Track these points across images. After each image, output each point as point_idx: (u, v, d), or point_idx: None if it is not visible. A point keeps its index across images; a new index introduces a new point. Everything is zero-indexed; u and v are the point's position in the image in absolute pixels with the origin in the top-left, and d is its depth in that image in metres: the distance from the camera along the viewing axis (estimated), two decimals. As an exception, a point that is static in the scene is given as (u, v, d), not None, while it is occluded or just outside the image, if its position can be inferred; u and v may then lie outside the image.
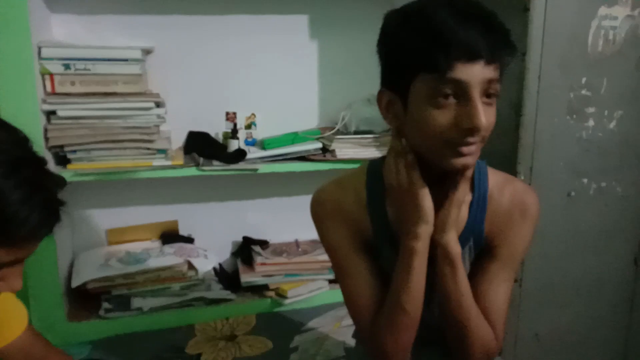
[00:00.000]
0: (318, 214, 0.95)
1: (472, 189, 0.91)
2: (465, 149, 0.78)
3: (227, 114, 1.71)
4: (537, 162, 1.34)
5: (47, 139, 1.45)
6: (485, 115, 0.76)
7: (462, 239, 0.90)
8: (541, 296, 1.44)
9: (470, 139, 0.77)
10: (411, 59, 0.78)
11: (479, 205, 0.91)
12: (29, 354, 0.94)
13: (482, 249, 0.92)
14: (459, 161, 0.80)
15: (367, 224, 0.92)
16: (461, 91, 0.76)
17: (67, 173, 1.47)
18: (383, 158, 0.96)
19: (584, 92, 1.34)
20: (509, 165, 1.32)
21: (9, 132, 0.70)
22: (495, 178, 0.93)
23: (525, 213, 0.91)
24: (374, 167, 0.96)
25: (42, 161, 0.71)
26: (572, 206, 1.40)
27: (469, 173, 0.87)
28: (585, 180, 1.40)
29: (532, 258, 1.38)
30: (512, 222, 0.91)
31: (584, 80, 1.33)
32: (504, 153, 1.35)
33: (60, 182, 0.74)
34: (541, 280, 1.42)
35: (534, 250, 1.36)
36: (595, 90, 1.35)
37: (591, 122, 1.37)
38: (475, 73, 0.75)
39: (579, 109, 1.35)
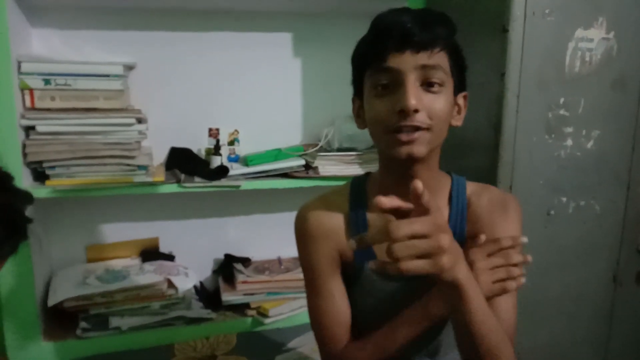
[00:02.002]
0: (300, 230, 0.95)
1: (450, 202, 0.92)
2: (404, 136, 0.80)
3: (210, 130, 1.70)
4: (516, 181, 1.35)
5: (25, 155, 1.42)
6: (425, 101, 0.80)
7: None
8: (521, 313, 1.43)
9: (406, 123, 0.80)
10: (360, 58, 0.87)
11: (457, 217, 0.91)
12: None
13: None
14: (403, 149, 0.81)
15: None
16: (396, 79, 0.81)
17: (45, 189, 1.44)
18: (367, 174, 0.97)
19: (562, 111, 1.36)
20: (490, 182, 1.33)
21: None
22: (472, 188, 0.95)
23: (507, 207, 0.92)
24: (357, 184, 0.97)
25: (7, 177, 0.70)
26: (551, 224, 1.41)
27: (440, 185, 0.90)
28: (564, 199, 1.42)
29: (513, 275, 1.38)
30: (495, 220, 0.91)
31: (562, 100, 1.36)
32: (484, 171, 1.37)
33: (27, 198, 0.72)
34: (521, 298, 1.42)
35: (514, 268, 1.37)
36: (572, 109, 1.37)
37: (569, 141, 1.39)
38: (406, 60, 0.80)
39: (557, 128, 1.37)
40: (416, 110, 0.79)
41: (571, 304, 1.49)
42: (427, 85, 0.81)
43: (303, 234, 0.95)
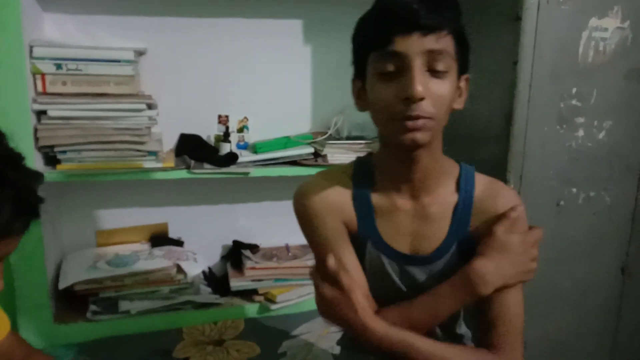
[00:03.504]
0: (302, 207, 0.93)
1: (458, 191, 0.91)
2: (409, 124, 0.79)
3: (220, 117, 1.71)
4: (527, 171, 1.35)
5: (37, 139, 1.43)
6: (431, 88, 0.78)
7: (446, 243, 0.90)
8: (529, 304, 1.42)
9: (412, 112, 0.78)
10: (363, 40, 0.84)
11: (464, 208, 0.90)
12: (11, 359, 0.93)
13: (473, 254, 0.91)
14: (407, 136, 0.80)
15: (353, 217, 0.92)
16: (402, 64, 0.79)
17: (56, 173, 1.45)
18: (371, 154, 0.97)
19: (574, 102, 1.35)
20: (499, 173, 1.33)
21: None
22: (480, 180, 0.93)
23: (512, 205, 0.90)
24: (362, 161, 0.96)
25: (18, 157, 0.72)
26: (561, 215, 1.41)
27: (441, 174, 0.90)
28: (574, 190, 1.41)
29: (521, 266, 1.38)
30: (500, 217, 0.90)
31: (574, 90, 1.35)
32: (495, 161, 1.36)
33: (38, 177, 0.74)
34: (529, 289, 1.42)
35: (523, 258, 1.37)
36: (585, 100, 1.36)
37: (581, 132, 1.38)
38: (413, 44, 0.77)
39: (569, 118, 1.36)
40: (422, 99, 0.78)
41: (579, 296, 1.49)
42: (434, 71, 0.79)
43: (306, 211, 0.92)
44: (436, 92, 0.79)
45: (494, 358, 0.88)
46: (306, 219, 0.93)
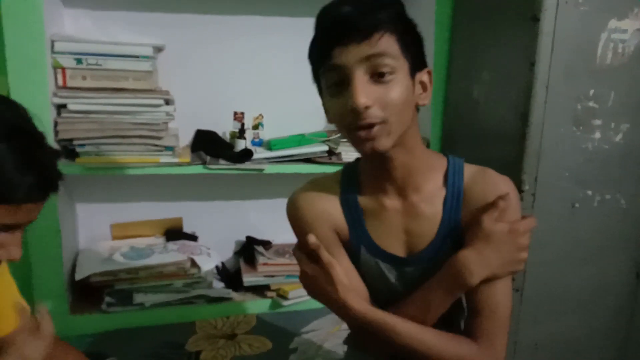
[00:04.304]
0: (294, 215, 0.95)
1: (446, 185, 0.90)
2: (362, 134, 0.79)
3: (235, 113, 1.72)
4: (542, 172, 1.34)
5: (56, 132, 1.46)
6: (377, 93, 0.78)
7: (440, 239, 0.90)
8: (541, 305, 1.44)
9: (362, 121, 0.78)
10: (311, 56, 0.85)
11: (452, 201, 0.89)
12: None
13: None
14: (366, 147, 0.81)
15: (343, 223, 0.93)
16: (344, 76, 0.79)
17: (74, 166, 1.48)
18: (358, 159, 0.97)
19: (591, 103, 1.34)
20: (513, 174, 1.32)
21: (11, 105, 0.77)
22: (469, 170, 0.91)
23: (504, 193, 0.88)
24: (349, 168, 0.97)
25: (41, 135, 0.77)
26: (575, 217, 1.40)
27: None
28: (589, 192, 1.40)
29: (533, 267, 1.38)
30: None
31: (591, 92, 1.34)
32: (509, 162, 1.36)
33: (57, 154, 0.79)
34: (542, 290, 1.42)
35: (535, 259, 1.37)
36: (602, 102, 1.35)
37: (597, 134, 1.37)
38: (350, 54, 0.77)
39: (585, 120, 1.35)
40: (367, 107, 0.77)
41: (591, 298, 1.48)
42: (378, 75, 0.78)
43: (298, 219, 0.94)
44: (383, 97, 0.78)
45: (474, 347, 0.87)
46: (298, 227, 0.95)
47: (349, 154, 1.68)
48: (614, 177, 1.41)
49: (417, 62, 0.84)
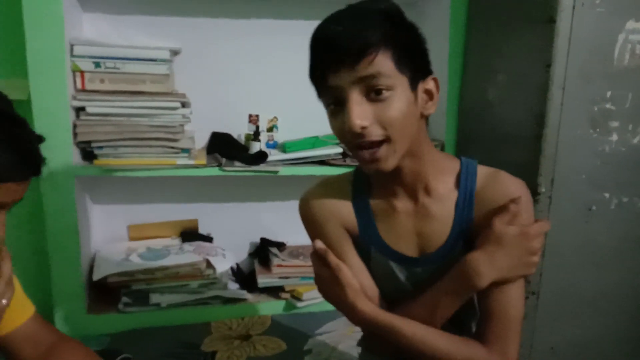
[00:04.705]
0: (306, 215, 0.96)
1: (458, 187, 0.90)
2: (366, 155, 0.80)
3: (250, 116, 1.73)
4: (558, 175, 1.33)
5: (75, 135, 1.49)
6: (375, 113, 0.77)
7: (451, 240, 0.90)
8: (558, 309, 1.43)
9: (361, 140, 0.79)
10: (309, 75, 0.85)
11: (464, 202, 0.89)
12: (37, 341, 0.96)
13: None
14: (370, 167, 0.82)
15: (354, 222, 0.94)
16: (340, 97, 0.79)
17: (93, 168, 1.50)
18: None
19: (608, 105, 1.33)
20: (529, 177, 1.32)
21: None
22: (482, 172, 0.91)
23: (516, 195, 0.87)
24: (360, 171, 0.97)
25: (22, 119, 0.79)
26: (592, 220, 1.39)
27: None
28: (606, 195, 1.39)
29: (549, 270, 1.37)
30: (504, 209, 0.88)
31: (608, 93, 1.33)
32: (525, 164, 1.35)
33: (39, 138, 0.81)
34: (558, 293, 1.41)
35: (552, 262, 1.36)
36: (619, 104, 1.34)
37: (614, 136, 1.36)
38: (343, 77, 0.77)
39: (602, 122, 1.34)
40: (364, 127, 0.77)
41: (608, 302, 1.46)
42: (375, 93, 0.77)
43: (309, 219, 0.95)
44: (381, 115, 0.78)
45: (484, 350, 0.86)
46: (310, 227, 0.96)
47: (363, 156, 1.68)
48: (631, 179, 1.39)
49: (418, 73, 0.82)
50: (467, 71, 1.67)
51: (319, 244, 0.89)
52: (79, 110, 1.49)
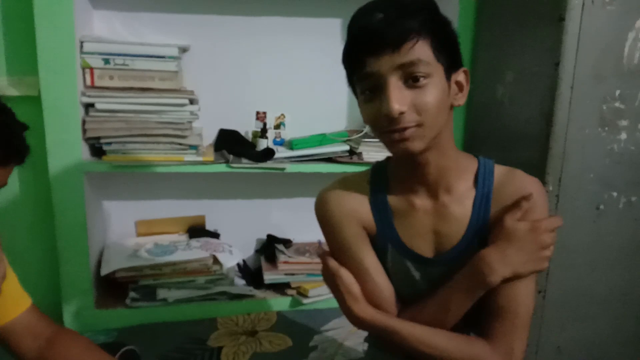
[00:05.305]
0: (323, 214, 0.96)
1: (476, 186, 0.90)
2: (396, 136, 0.81)
3: (258, 113, 1.74)
4: (566, 173, 1.33)
5: (84, 130, 1.50)
6: (412, 99, 0.79)
7: (467, 239, 0.90)
8: (565, 308, 1.42)
9: (396, 126, 0.79)
10: (345, 64, 0.86)
11: (482, 201, 0.90)
12: (36, 333, 0.96)
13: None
14: (399, 148, 0.82)
15: (371, 221, 0.93)
16: (378, 83, 0.79)
17: (102, 164, 1.51)
18: (388, 158, 0.98)
19: (617, 104, 1.33)
20: (537, 175, 1.29)
21: None
22: (499, 171, 0.91)
23: (532, 194, 0.87)
24: (378, 167, 0.98)
25: (7, 108, 0.81)
26: (600, 219, 1.38)
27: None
28: (615, 194, 1.38)
29: (557, 269, 1.37)
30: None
31: (617, 92, 1.32)
32: (533, 163, 1.35)
33: (23, 126, 0.83)
34: (566, 292, 1.41)
35: (559, 261, 1.36)
36: (629, 102, 1.33)
37: (623, 135, 1.35)
38: (383, 63, 0.78)
39: (611, 121, 1.33)
40: (402, 113, 0.78)
41: (617, 303, 1.45)
42: (412, 80, 0.78)
43: (326, 218, 0.95)
44: (418, 101, 0.79)
45: (489, 348, 0.86)
46: (327, 225, 0.96)
47: (370, 153, 1.68)
48: (641, 179, 1.39)
49: (452, 63, 0.83)
50: (476, 70, 1.67)
51: (320, 249, 0.91)
52: (89, 106, 1.50)
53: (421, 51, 0.78)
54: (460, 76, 0.86)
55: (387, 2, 0.80)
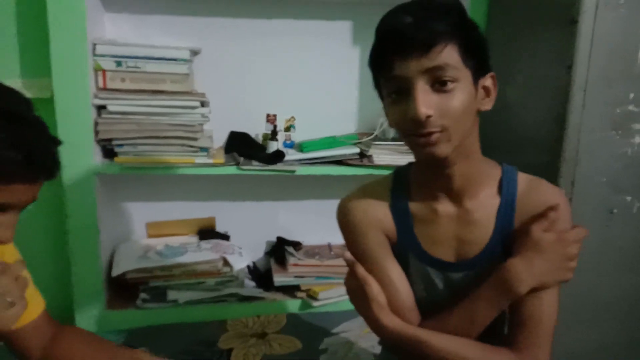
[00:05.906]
0: (345, 222, 0.95)
1: (500, 193, 0.90)
2: (422, 140, 0.80)
3: (268, 115, 1.74)
4: (579, 177, 1.32)
5: (96, 132, 1.51)
6: (438, 103, 0.78)
7: (491, 246, 0.89)
8: (577, 314, 1.41)
9: (422, 130, 0.79)
10: (372, 66, 0.85)
11: (506, 210, 0.89)
12: (43, 332, 0.97)
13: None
14: (424, 151, 0.82)
15: (393, 228, 0.93)
16: (405, 86, 0.79)
17: (113, 166, 1.53)
18: (410, 164, 0.97)
19: (630, 107, 1.31)
20: (550, 179, 1.28)
21: (11, 92, 0.77)
22: (523, 179, 0.91)
23: (556, 204, 0.87)
24: (400, 173, 0.97)
25: (40, 122, 0.78)
26: (613, 223, 1.37)
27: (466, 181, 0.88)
28: (628, 198, 1.37)
29: (569, 274, 1.35)
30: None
31: (631, 95, 1.31)
32: (545, 166, 1.34)
33: (56, 142, 0.80)
34: (578, 298, 1.39)
35: (571, 266, 1.34)
36: (642, 106, 1.32)
37: (637, 139, 1.34)
38: (411, 66, 0.77)
39: (624, 124, 1.32)
40: (428, 116, 0.77)
41: (629, 307, 1.44)
42: (440, 84, 0.78)
43: (348, 226, 0.95)
44: (444, 107, 0.78)
45: (515, 358, 0.86)
46: (350, 234, 0.95)
47: (381, 156, 1.68)
48: (655, 183, 1.37)
49: (480, 68, 0.83)
50: (486, 72, 1.66)
51: (347, 255, 0.91)
52: (100, 108, 1.52)
53: (449, 55, 0.77)
54: (487, 81, 0.85)
55: (417, 5, 0.80)
